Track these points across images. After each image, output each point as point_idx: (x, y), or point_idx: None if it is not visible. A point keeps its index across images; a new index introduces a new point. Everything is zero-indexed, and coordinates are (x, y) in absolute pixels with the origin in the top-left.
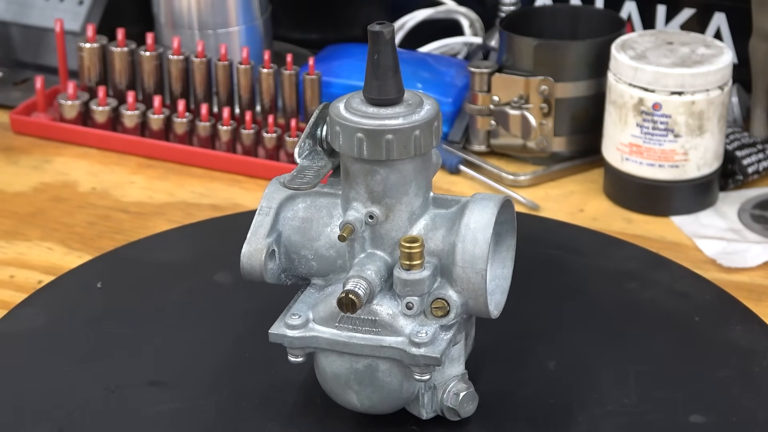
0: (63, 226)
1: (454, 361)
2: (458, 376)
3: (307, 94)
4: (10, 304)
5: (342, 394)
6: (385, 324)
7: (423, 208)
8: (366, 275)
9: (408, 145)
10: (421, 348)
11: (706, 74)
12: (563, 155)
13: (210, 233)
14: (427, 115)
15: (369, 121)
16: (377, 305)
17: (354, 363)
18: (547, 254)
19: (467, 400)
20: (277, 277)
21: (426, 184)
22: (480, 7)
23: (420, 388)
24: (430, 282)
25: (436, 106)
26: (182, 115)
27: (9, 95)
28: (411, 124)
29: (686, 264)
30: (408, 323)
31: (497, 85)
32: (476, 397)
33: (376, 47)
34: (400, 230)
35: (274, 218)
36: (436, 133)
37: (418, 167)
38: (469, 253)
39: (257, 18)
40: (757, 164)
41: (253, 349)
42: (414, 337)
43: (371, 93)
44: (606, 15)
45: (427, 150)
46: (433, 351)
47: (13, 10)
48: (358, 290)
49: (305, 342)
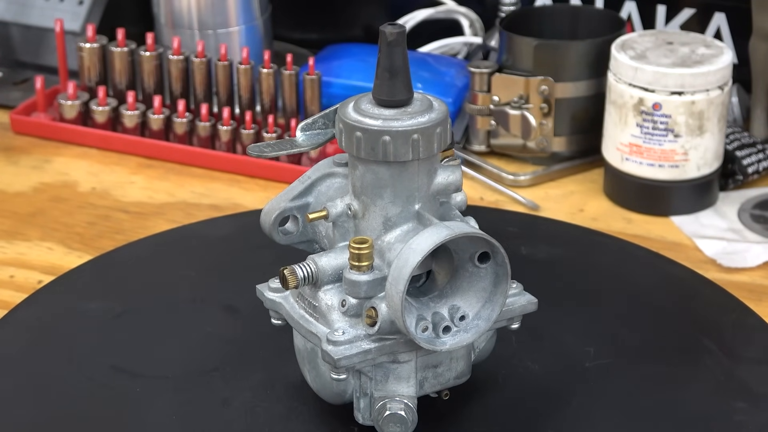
0: (63, 226)
1: (402, 380)
2: (405, 396)
3: (307, 94)
4: (10, 304)
5: (302, 368)
6: (321, 313)
7: (403, 218)
8: (319, 261)
9: (376, 149)
10: (329, 346)
11: (706, 74)
12: (563, 155)
13: (210, 233)
14: (406, 125)
15: (352, 116)
16: (323, 293)
17: (306, 342)
18: (547, 254)
19: (391, 420)
20: (293, 241)
21: (408, 196)
22: (480, 7)
23: (355, 391)
24: (369, 287)
25: (432, 119)
26: (182, 115)
27: (9, 95)
28: (380, 128)
29: (686, 264)
30: (339, 320)
31: (497, 85)
32: (406, 422)
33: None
34: (374, 232)
35: (307, 187)
36: (415, 147)
37: (395, 174)
38: (397, 272)
39: (257, 18)
40: (757, 164)
41: (254, 349)
42: (331, 335)
43: (378, 94)
44: (606, 15)
45: (399, 158)
46: (336, 352)
47: (13, 10)
48: (298, 270)
49: (272, 305)
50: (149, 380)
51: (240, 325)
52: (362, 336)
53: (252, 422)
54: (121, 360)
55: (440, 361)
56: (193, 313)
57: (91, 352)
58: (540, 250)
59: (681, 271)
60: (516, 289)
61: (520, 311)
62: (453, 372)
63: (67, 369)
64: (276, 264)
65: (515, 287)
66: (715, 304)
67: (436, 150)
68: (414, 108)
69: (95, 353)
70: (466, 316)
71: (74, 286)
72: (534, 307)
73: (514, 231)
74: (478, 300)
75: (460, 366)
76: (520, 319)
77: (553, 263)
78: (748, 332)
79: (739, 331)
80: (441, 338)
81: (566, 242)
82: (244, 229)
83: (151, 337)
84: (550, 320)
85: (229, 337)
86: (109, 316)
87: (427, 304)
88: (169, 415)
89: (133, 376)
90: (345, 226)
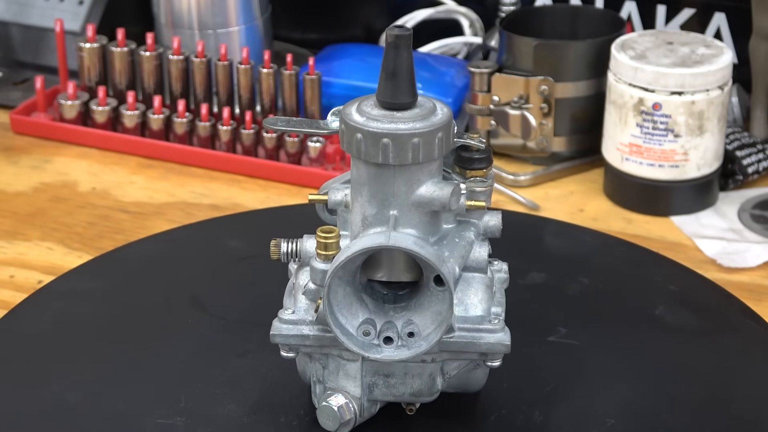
0: (63, 226)
1: (350, 377)
2: (351, 395)
3: (307, 94)
4: (10, 304)
5: None
6: (295, 290)
7: (378, 220)
8: (307, 242)
9: (351, 145)
10: (275, 320)
11: (706, 74)
12: (563, 155)
13: (210, 233)
14: (377, 127)
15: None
16: (302, 272)
17: None
18: (547, 254)
19: (325, 412)
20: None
21: (383, 200)
22: (480, 7)
23: (312, 375)
24: (326, 276)
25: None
26: (182, 115)
27: (9, 95)
28: (356, 125)
29: (686, 264)
30: (302, 300)
31: (497, 85)
32: (337, 420)
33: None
34: (356, 227)
35: None
36: (385, 151)
37: (371, 174)
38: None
39: (257, 18)
40: (757, 164)
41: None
42: (282, 312)
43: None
44: (606, 15)
45: (370, 159)
46: (275, 328)
47: (13, 10)
48: (283, 245)
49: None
50: (149, 380)
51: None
52: (307, 321)
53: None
54: (121, 360)
55: (392, 371)
56: (193, 313)
57: (91, 352)
58: (540, 251)
59: (681, 271)
60: (496, 325)
61: (485, 348)
62: (408, 387)
63: (67, 369)
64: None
65: (496, 322)
66: (715, 304)
67: (410, 160)
68: (404, 114)
69: (95, 354)
70: (415, 334)
71: (74, 286)
72: (504, 349)
73: (514, 231)
74: (432, 322)
75: (416, 384)
76: (500, 357)
77: (553, 263)
78: (747, 332)
79: (738, 331)
80: (380, 347)
81: (566, 242)
82: (244, 229)
83: (151, 337)
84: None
85: (230, 336)
86: (109, 317)
87: (386, 312)
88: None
89: (133, 377)
90: (343, 215)
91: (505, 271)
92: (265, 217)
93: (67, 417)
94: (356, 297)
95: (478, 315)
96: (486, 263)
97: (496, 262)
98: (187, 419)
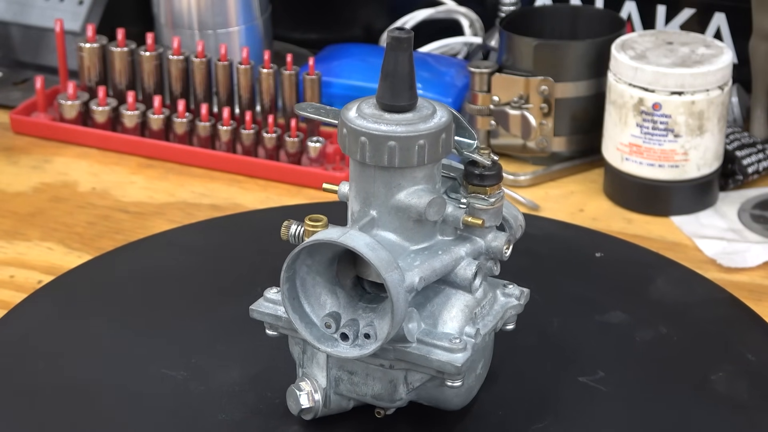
0: (63, 226)
1: (320, 367)
2: (318, 383)
3: (307, 94)
4: (10, 304)
5: None
6: None
7: (362, 215)
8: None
9: (341, 138)
10: (261, 298)
11: (706, 74)
12: (563, 155)
13: (210, 233)
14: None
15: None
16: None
17: None
18: (547, 254)
19: (291, 395)
20: None
21: (365, 198)
22: (480, 7)
23: (296, 357)
24: None
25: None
26: (182, 115)
27: (9, 95)
28: (346, 120)
29: (686, 264)
30: None
31: (497, 85)
32: (299, 404)
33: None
34: (349, 222)
35: None
36: (362, 150)
37: (356, 171)
38: None
39: (257, 18)
40: (757, 164)
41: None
42: (268, 290)
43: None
44: (606, 15)
45: (352, 156)
46: (256, 304)
47: (13, 10)
48: (292, 227)
49: None
50: (149, 380)
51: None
52: (289, 308)
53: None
54: (121, 360)
55: (355, 369)
56: (193, 313)
57: (91, 352)
58: (540, 251)
59: (681, 271)
60: (456, 345)
61: (436, 366)
62: (369, 389)
63: (67, 369)
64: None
65: (457, 342)
66: (715, 304)
67: (386, 163)
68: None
69: (95, 354)
70: (371, 336)
71: (74, 286)
72: (453, 370)
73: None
74: (388, 327)
75: (377, 387)
76: (459, 378)
77: (553, 263)
78: (747, 332)
79: (738, 331)
80: (336, 341)
81: (566, 242)
82: (244, 229)
83: (151, 337)
84: (548, 320)
85: (229, 337)
86: (108, 317)
87: (356, 310)
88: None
89: (133, 377)
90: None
91: (516, 297)
92: (266, 217)
93: (66, 416)
94: (327, 289)
95: (444, 332)
96: (469, 282)
97: (511, 286)
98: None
